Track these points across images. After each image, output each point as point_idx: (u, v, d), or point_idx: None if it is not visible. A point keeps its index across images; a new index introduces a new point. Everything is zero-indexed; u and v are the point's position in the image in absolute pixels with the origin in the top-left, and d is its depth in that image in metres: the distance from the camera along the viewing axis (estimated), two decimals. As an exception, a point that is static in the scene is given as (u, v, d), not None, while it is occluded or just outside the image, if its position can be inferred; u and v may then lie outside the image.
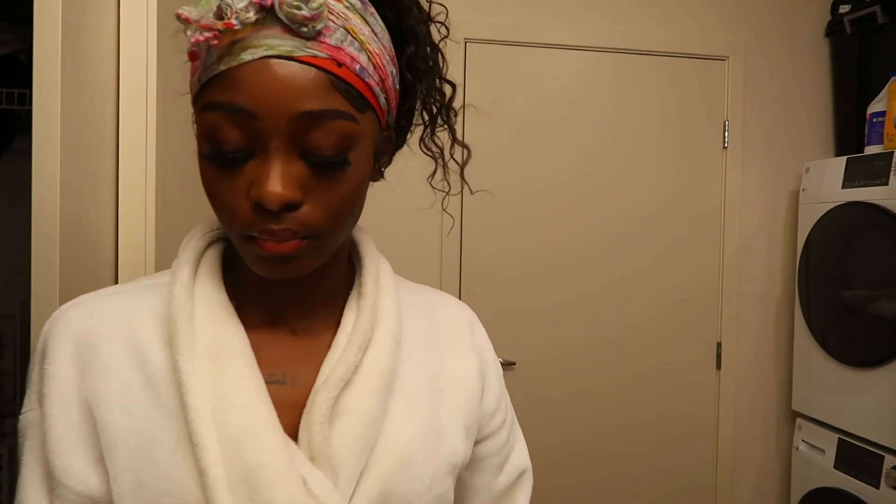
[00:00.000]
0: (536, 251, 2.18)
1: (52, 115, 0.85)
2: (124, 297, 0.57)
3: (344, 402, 0.54)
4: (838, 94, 2.33)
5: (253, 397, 0.52)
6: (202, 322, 0.54)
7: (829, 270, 2.05)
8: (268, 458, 0.50)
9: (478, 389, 0.65)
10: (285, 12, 0.46)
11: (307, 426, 0.53)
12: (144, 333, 0.54)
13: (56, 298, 0.85)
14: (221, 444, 0.50)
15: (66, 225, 0.87)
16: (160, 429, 0.51)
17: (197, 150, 0.53)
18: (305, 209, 0.50)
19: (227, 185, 0.50)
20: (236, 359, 0.53)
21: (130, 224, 1.10)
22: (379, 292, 0.60)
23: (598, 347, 2.22)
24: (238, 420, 0.50)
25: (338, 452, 0.52)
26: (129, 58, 1.10)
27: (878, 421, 1.82)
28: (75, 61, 0.91)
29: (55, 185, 0.85)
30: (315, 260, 0.53)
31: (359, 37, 0.51)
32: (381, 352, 0.57)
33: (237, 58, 0.47)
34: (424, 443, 0.57)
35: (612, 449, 2.23)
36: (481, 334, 0.69)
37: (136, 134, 1.11)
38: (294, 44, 0.47)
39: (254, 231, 0.49)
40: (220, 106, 0.48)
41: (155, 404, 0.52)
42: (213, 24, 0.46)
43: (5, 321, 1.82)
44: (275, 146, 0.48)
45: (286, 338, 0.58)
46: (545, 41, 2.18)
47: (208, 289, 0.56)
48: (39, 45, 0.84)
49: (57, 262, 0.85)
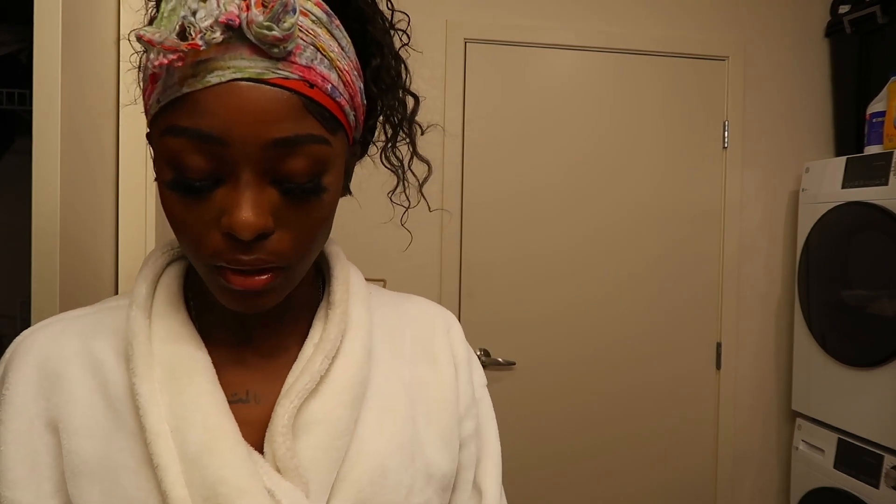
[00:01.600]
0: (536, 251, 2.18)
1: (52, 115, 0.85)
2: (87, 319, 0.56)
3: (310, 413, 0.53)
4: (838, 94, 2.33)
5: (211, 414, 0.50)
6: (159, 342, 0.52)
7: (829, 270, 2.05)
8: (229, 472, 0.49)
9: (454, 398, 0.62)
10: (255, 33, 0.43)
11: (270, 438, 0.51)
12: (105, 355, 0.53)
13: (56, 298, 0.85)
14: (182, 462, 0.49)
15: (66, 225, 0.87)
16: (122, 451, 0.50)
17: (155, 176, 0.49)
18: (275, 237, 0.47)
19: (193, 215, 0.47)
20: (194, 377, 0.51)
21: (130, 224, 1.11)
22: (349, 301, 0.59)
23: (598, 347, 2.22)
24: (196, 438, 0.49)
25: (306, 464, 0.51)
26: (130, 58, 1.10)
27: (878, 421, 1.82)
28: (75, 61, 0.91)
29: (55, 186, 0.85)
30: (284, 292, 0.51)
31: (328, 54, 0.48)
32: (351, 360, 0.55)
33: (203, 80, 0.44)
34: (401, 453, 0.56)
35: (611, 448, 2.23)
36: (457, 337, 0.66)
37: (137, 134, 1.11)
38: (264, 65, 0.44)
39: (222, 262, 0.47)
40: (185, 131, 0.45)
41: (117, 426, 0.51)
42: (177, 45, 0.42)
43: (5, 321, 1.82)
44: (245, 174, 0.45)
45: (250, 356, 0.56)
46: (545, 41, 2.18)
47: (166, 309, 0.54)
48: (39, 45, 0.84)
49: (57, 261, 0.85)
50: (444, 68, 2.11)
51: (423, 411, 0.60)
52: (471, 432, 0.64)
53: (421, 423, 0.59)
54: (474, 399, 0.65)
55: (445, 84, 2.11)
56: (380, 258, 1.87)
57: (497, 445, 0.67)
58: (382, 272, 1.85)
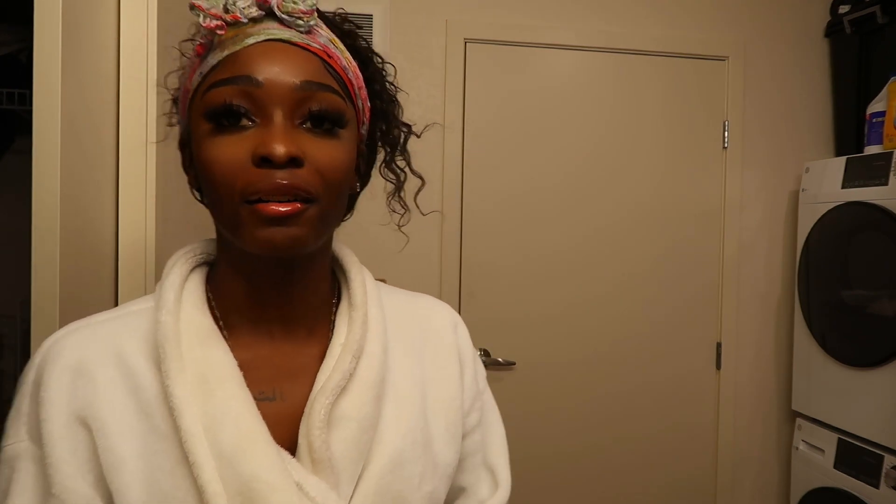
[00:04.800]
0: (536, 251, 2.18)
1: (52, 115, 0.85)
2: (113, 324, 0.58)
3: (340, 409, 0.56)
4: (838, 94, 2.33)
5: (243, 415, 0.53)
6: (189, 347, 0.55)
7: (829, 270, 2.05)
8: (261, 469, 0.52)
9: (458, 394, 0.67)
10: (283, 7, 0.53)
11: (306, 432, 0.55)
12: (135, 359, 0.55)
13: (56, 298, 0.85)
14: (216, 460, 0.52)
15: (66, 225, 0.87)
16: (157, 453, 0.53)
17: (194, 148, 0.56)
18: (304, 170, 0.53)
19: (230, 154, 0.52)
20: (224, 381, 0.54)
21: (130, 224, 1.10)
22: (368, 303, 0.63)
23: (598, 347, 2.22)
24: (229, 437, 0.52)
25: (337, 456, 0.55)
26: (129, 58, 1.10)
27: (878, 421, 1.82)
28: (75, 61, 0.91)
29: (55, 185, 0.85)
30: (311, 231, 0.54)
31: (339, 47, 0.58)
32: (373, 360, 0.60)
33: (241, 42, 0.53)
34: (414, 444, 0.60)
35: (612, 448, 2.23)
36: (463, 335, 0.71)
37: (137, 134, 1.11)
38: (291, 33, 0.54)
39: (256, 188, 0.51)
40: (227, 81, 0.53)
41: (149, 429, 0.53)
42: (221, 14, 0.53)
43: (5, 321, 1.82)
44: (277, 114, 0.53)
45: (274, 355, 0.59)
46: (545, 41, 2.18)
47: (193, 313, 0.57)
48: (39, 45, 0.84)
49: (57, 262, 0.85)
50: (444, 68, 2.11)
51: (431, 406, 0.64)
52: (475, 423, 0.69)
53: (430, 417, 0.64)
54: (478, 392, 0.70)
55: (445, 84, 2.11)
56: (380, 258, 1.87)
57: (501, 428, 0.73)
58: (383, 272, 1.85)
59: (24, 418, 0.55)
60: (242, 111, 0.53)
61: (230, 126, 0.53)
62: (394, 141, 0.70)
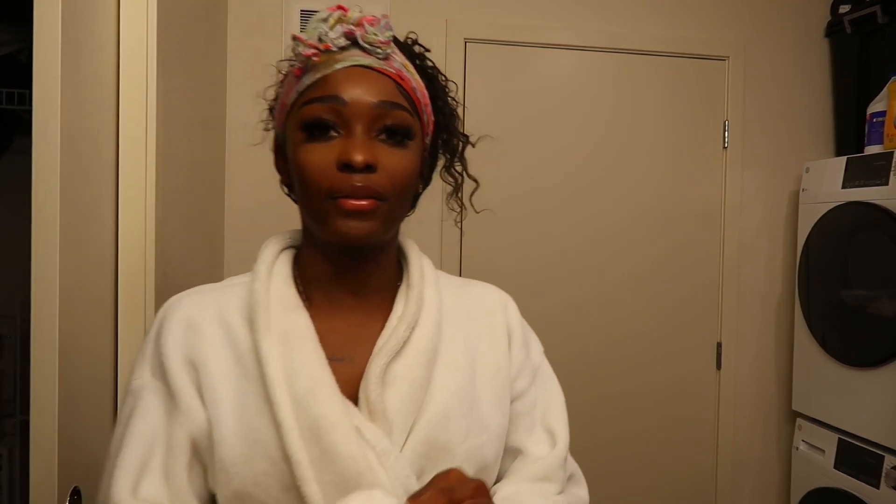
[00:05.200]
0: (536, 251, 2.18)
1: (52, 115, 0.85)
2: (218, 292, 0.73)
3: (395, 370, 0.68)
4: (838, 94, 2.33)
5: (315, 367, 0.66)
6: (276, 311, 0.69)
7: (829, 270, 2.05)
8: (327, 410, 0.64)
9: (506, 364, 0.78)
10: (366, 38, 0.67)
11: (365, 387, 0.67)
12: (233, 319, 0.70)
13: (56, 298, 0.85)
14: (292, 402, 0.64)
15: (66, 225, 0.87)
16: (247, 393, 0.66)
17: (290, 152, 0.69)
18: (377, 175, 0.65)
19: (319, 159, 0.65)
20: (302, 340, 0.67)
21: (130, 224, 1.10)
22: (423, 284, 0.75)
23: (598, 347, 2.22)
24: (303, 384, 0.64)
25: (391, 409, 0.66)
26: (129, 58, 1.10)
27: (878, 421, 1.82)
28: (75, 61, 0.91)
29: (55, 186, 0.85)
30: (381, 225, 0.67)
31: (410, 70, 0.71)
32: (425, 331, 0.71)
33: (331, 67, 0.66)
34: (461, 404, 0.71)
35: (611, 448, 2.23)
36: (513, 313, 0.84)
37: (136, 134, 1.11)
38: (371, 59, 0.67)
39: (339, 188, 0.64)
40: (319, 99, 0.66)
41: (242, 374, 0.67)
42: (316, 44, 0.66)
43: (5, 321, 1.82)
44: (358, 127, 0.65)
45: (346, 325, 0.72)
46: (545, 41, 2.18)
47: (280, 285, 0.71)
48: (39, 45, 0.84)
49: (57, 262, 0.85)
50: (444, 68, 2.09)
51: (480, 374, 0.75)
52: (524, 387, 0.80)
53: (479, 383, 0.74)
54: (527, 361, 0.81)
55: (445, 84, 2.10)
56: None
57: (560, 396, 0.86)
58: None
59: (148, 360, 0.69)
60: (331, 124, 0.65)
61: (320, 136, 0.66)
62: (453, 149, 0.82)
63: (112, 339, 1.09)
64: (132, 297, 1.10)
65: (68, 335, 0.89)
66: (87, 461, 0.99)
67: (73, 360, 0.92)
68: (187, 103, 1.48)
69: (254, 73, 2.05)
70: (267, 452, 0.64)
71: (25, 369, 1.19)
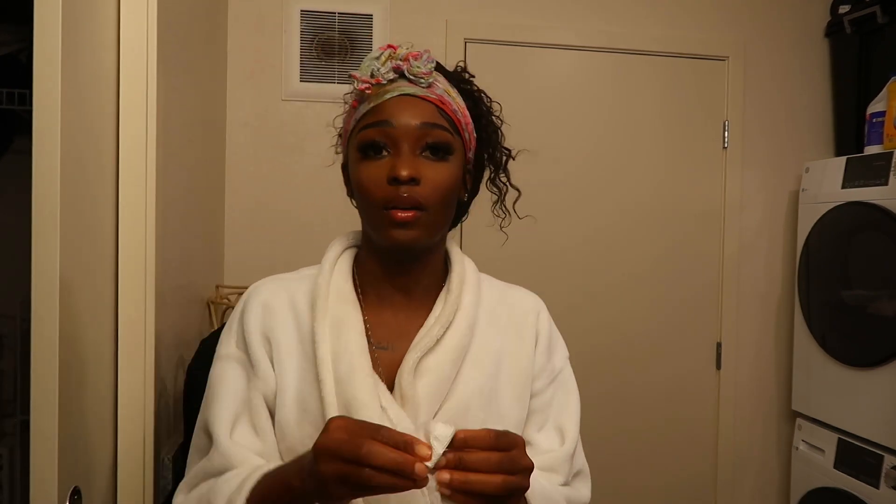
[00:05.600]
0: (536, 251, 2.18)
1: (52, 115, 0.85)
2: (292, 280, 0.86)
3: (426, 364, 0.79)
4: (838, 94, 2.33)
5: (356, 354, 0.77)
6: (332, 302, 0.81)
7: (829, 270, 2.05)
8: (360, 393, 0.75)
9: (529, 365, 0.87)
10: (411, 70, 0.78)
11: (399, 376, 0.78)
12: (301, 305, 0.82)
13: (56, 298, 0.85)
14: (335, 381, 0.76)
15: (66, 225, 0.87)
16: (305, 370, 0.79)
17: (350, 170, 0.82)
18: (420, 187, 0.75)
19: (373, 175, 0.76)
20: (350, 329, 0.79)
21: (130, 224, 1.10)
22: (462, 289, 0.85)
23: (598, 347, 2.22)
24: (345, 367, 0.77)
25: (420, 396, 0.77)
26: (129, 58, 1.10)
27: (878, 421, 1.82)
28: (75, 61, 0.91)
29: (55, 186, 0.85)
30: (424, 232, 0.77)
31: (452, 94, 0.83)
32: (457, 332, 0.81)
33: (383, 97, 0.78)
34: (481, 397, 0.81)
35: (611, 448, 2.23)
36: (544, 319, 0.93)
37: (136, 134, 1.11)
38: (416, 88, 0.79)
39: (389, 199, 0.75)
40: (372, 124, 0.77)
41: (303, 353, 0.80)
42: (369, 80, 0.78)
43: (5, 321, 1.82)
44: (404, 146, 0.76)
45: (393, 318, 0.83)
46: (545, 41, 2.18)
47: (339, 280, 0.83)
48: (39, 45, 0.84)
49: (57, 262, 0.85)
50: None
51: (505, 371, 0.85)
52: (542, 387, 0.89)
53: (502, 380, 0.84)
54: (547, 365, 0.90)
55: (445, 84, 2.11)
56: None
57: (577, 400, 0.94)
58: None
59: (234, 334, 0.83)
60: (382, 144, 0.77)
61: (374, 155, 0.77)
62: (497, 162, 0.95)
63: (112, 339, 1.09)
64: (132, 297, 1.10)
65: (68, 335, 0.89)
66: (87, 461, 0.99)
67: (73, 360, 0.92)
68: (187, 103, 1.48)
69: (254, 73, 2.06)
70: (313, 420, 0.76)
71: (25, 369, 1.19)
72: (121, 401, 1.10)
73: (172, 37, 1.27)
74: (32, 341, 0.85)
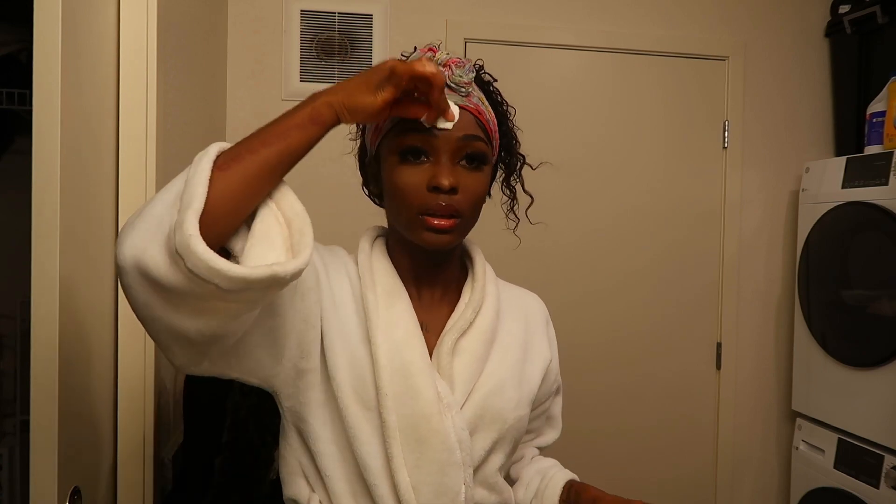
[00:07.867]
0: (535, 251, 2.18)
1: (52, 115, 0.85)
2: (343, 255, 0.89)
3: (461, 345, 0.84)
4: (838, 94, 2.33)
5: (409, 321, 0.82)
6: (379, 274, 0.85)
7: (829, 270, 2.05)
8: (416, 358, 0.80)
9: (547, 361, 0.95)
10: (453, 78, 0.79)
11: (437, 355, 0.83)
12: (351, 269, 0.86)
13: (56, 298, 0.85)
14: (387, 344, 0.79)
15: (66, 225, 0.87)
16: (355, 329, 0.81)
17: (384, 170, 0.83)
18: (458, 196, 0.78)
19: (412, 180, 0.78)
20: (400, 299, 0.84)
21: (130, 224, 1.10)
22: (486, 279, 0.91)
23: (598, 347, 2.22)
24: (399, 332, 0.81)
25: (456, 373, 0.82)
26: (129, 58, 1.10)
27: (878, 421, 1.82)
28: (75, 61, 0.91)
29: (55, 186, 0.85)
30: (457, 237, 0.82)
31: (485, 104, 0.85)
32: (486, 316, 0.87)
33: None
34: (512, 378, 0.87)
35: (611, 447, 2.23)
36: (551, 328, 1.00)
37: (136, 134, 1.11)
38: (456, 98, 0.79)
39: (428, 206, 0.78)
40: (416, 129, 0.78)
41: (354, 313, 0.82)
42: None
43: (5, 321, 1.82)
44: (444, 156, 0.79)
45: (424, 303, 0.88)
46: (545, 41, 2.18)
47: (380, 257, 0.87)
48: (39, 45, 0.84)
49: (57, 262, 0.85)
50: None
51: (530, 359, 0.92)
52: (546, 395, 0.97)
53: (528, 365, 0.91)
54: (557, 375, 1.00)
55: (445, 84, 2.10)
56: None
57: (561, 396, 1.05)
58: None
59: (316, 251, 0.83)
60: (422, 151, 0.78)
61: (413, 160, 0.79)
62: (512, 167, 0.99)
63: (112, 339, 1.09)
64: (132, 297, 1.10)
65: (68, 335, 0.89)
66: (87, 461, 0.99)
67: (73, 360, 0.92)
68: (187, 103, 1.48)
69: (254, 73, 2.06)
70: (360, 376, 0.79)
71: (25, 369, 1.19)
72: (121, 401, 1.10)
73: (172, 37, 1.27)
74: (32, 341, 0.85)
